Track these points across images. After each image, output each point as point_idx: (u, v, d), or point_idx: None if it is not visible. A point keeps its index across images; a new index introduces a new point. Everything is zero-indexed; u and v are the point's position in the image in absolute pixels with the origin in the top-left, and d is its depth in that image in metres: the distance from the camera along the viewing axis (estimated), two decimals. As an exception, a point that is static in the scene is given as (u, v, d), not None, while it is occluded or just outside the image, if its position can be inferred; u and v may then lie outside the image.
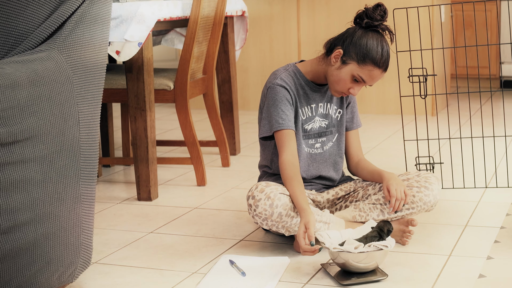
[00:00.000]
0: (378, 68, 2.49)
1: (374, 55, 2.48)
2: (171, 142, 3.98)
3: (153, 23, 3.07)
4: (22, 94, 1.84)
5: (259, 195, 2.40)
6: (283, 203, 2.39)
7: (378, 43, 2.49)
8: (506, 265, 2.35)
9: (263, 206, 2.38)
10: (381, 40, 2.51)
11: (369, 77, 2.50)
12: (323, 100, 2.64)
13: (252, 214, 2.41)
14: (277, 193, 2.40)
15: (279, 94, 2.55)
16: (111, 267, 2.45)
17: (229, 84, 4.04)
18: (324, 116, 2.65)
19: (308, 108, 2.61)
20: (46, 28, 2.01)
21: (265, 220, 2.40)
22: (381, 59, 2.48)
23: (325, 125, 2.65)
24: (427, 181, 2.58)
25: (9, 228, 1.84)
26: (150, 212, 3.07)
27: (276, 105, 2.54)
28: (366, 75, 2.50)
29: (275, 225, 2.41)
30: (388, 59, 2.51)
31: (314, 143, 2.64)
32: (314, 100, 2.62)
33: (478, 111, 5.16)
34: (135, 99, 3.16)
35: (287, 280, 2.29)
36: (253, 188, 2.43)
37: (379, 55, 2.48)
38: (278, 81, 2.56)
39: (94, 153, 2.10)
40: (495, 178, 3.41)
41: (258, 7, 5.44)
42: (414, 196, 2.55)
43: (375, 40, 2.50)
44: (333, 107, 2.66)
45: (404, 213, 2.57)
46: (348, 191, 2.72)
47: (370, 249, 2.23)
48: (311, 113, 2.62)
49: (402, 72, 4.88)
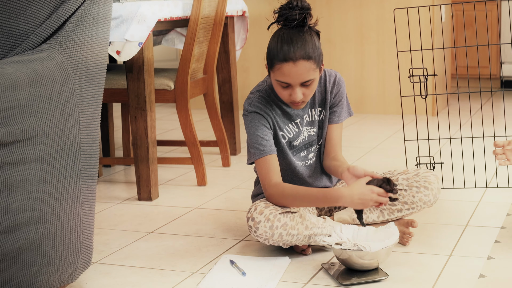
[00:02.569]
0: (284, 62, 2.32)
1: (275, 52, 2.33)
2: (172, 142, 3.98)
3: (153, 23, 3.07)
4: (22, 94, 1.84)
5: (258, 217, 2.35)
6: (283, 224, 2.35)
7: (277, 37, 2.34)
8: (506, 265, 2.35)
9: (263, 228, 2.35)
10: (282, 33, 2.34)
11: (283, 76, 2.34)
12: (306, 110, 2.54)
13: (253, 235, 2.39)
14: (277, 214, 2.36)
15: (253, 121, 2.45)
16: (111, 267, 2.45)
17: (229, 84, 4.04)
18: (311, 124, 2.56)
19: (293, 124, 2.53)
20: (47, 28, 2.01)
21: (266, 240, 2.38)
22: (282, 51, 2.31)
23: (314, 132, 2.57)
24: (427, 181, 2.57)
25: (9, 228, 1.84)
26: (150, 212, 3.07)
27: (253, 133, 2.45)
28: (280, 75, 2.35)
29: (276, 243, 2.39)
30: (293, 46, 2.31)
31: (307, 154, 2.58)
32: (296, 115, 2.52)
33: (479, 111, 5.15)
34: (136, 99, 3.16)
35: (288, 280, 2.29)
36: (252, 209, 2.38)
37: (278, 49, 2.32)
38: (250, 108, 2.47)
39: (94, 153, 2.10)
40: (495, 178, 3.41)
41: (258, 7, 5.44)
42: (414, 197, 2.55)
43: (275, 36, 2.35)
44: (317, 110, 2.57)
45: (404, 213, 2.57)
46: None
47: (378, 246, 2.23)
48: (298, 129, 2.54)
49: (402, 72, 4.88)
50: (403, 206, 2.56)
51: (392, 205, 2.56)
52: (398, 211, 2.56)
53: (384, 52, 5.22)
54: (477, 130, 4.34)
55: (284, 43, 2.32)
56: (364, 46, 5.28)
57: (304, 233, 2.39)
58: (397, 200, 2.39)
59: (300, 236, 2.39)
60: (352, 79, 5.30)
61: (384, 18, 5.18)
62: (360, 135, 4.53)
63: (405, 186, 2.56)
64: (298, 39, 2.32)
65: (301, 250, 2.49)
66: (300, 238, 2.39)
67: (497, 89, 6.00)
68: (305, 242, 2.42)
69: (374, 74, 5.27)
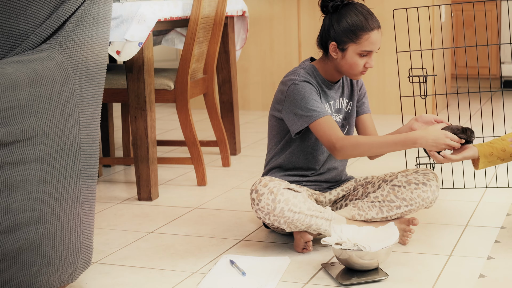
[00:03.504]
0: (372, 30, 2.51)
1: (360, 25, 2.51)
2: (172, 142, 3.98)
3: (153, 23, 3.07)
4: (22, 94, 1.84)
5: (262, 189, 2.40)
6: (285, 198, 2.39)
7: (354, 13, 2.52)
8: (506, 265, 2.35)
9: (265, 201, 2.39)
10: (354, 7, 2.53)
11: (372, 44, 2.52)
12: (337, 96, 2.66)
13: (255, 208, 2.42)
14: (280, 188, 2.40)
15: (306, 88, 2.53)
16: (111, 267, 2.45)
17: (229, 84, 4.04)
18: (338, 111, 2.66)
19: (327, 105, 2.63)
20: (47, 28, 2.01)
21: (267, 214, 2.40)
22: (367, 22, 2.51)
23: (340, 119, 2.67)
24: (425, 177, 2.58)
25: (9, 228, 1.84)
26: (150, 212, 3.07)
27: (308, 97, 2.51)
28: (368, 45, 2.52)
29: (277, 220, 2.41)
30: (372, 16, 2.52)
31: None
32: (331, 97, 2.64)
33: (478, 111, 5.15)
34: (136, 99, 3.16)
35: (288, 280, 2.29)
36: (256, 182, 2.44)
37: (363, 22, 2.51)
38: (300, 78, 2.56)
39: (94, 153, 2.10)
40: (495, 178, 3.41)
41: (258, 7, 5.44)
42: (412, 193, 2.56)
43: (350, 12, 2.53)
44: (344, 100, 2.68)
45: (403, 210, 2.57)
46: (348, 190, 2.73)
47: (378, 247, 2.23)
48: (331, 110, 2.64)
49: (402, 72, 4.88)
50: (402, 202, 2.56)
51: (391, 202, 2.56)
52: (397, 207, 2.57)
53: (383, 53, 5.22)
54: (477, 130, 4.34)
55: (365, 14, 2.52)
56: (364, 46, 5.27)
57: (306, 213, 2.42)
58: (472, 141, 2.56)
59: (301, 215, 2.41)
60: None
61: (384, 18, 5.18)
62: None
63: (404, 183, 2.57)
64: (368, 10, 2.54)
65: (302, 248, 2.50)
66: (302, 218, 2.41)
67: (497, 89, 6.00)
68: (305, 224, 2.44)
69: (374, 75, 5.28)
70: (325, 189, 2.72)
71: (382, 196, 2.58)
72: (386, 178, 2.66)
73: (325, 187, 2.71)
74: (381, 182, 2.66)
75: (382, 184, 2.64)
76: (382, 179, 2.67)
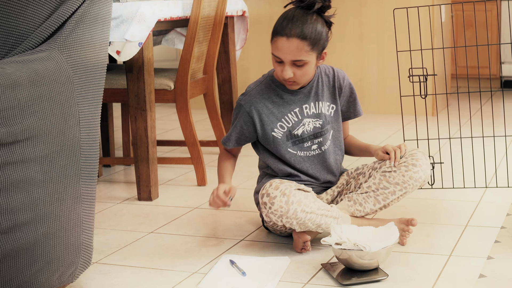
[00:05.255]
0: (280, 36, 2.42)
1: (275, 26, 2.45)
2: (172, 142, 3.98)
3: (153, 23, 3.07)
4: (22, 94, 1.84)
5: (274, 192, 2.39)
6: (298, 199, 2.39)
7: (282, 15, 2.46)
8: (506, 265, 2.35)
9: (279, 203, 2.38)
10: (288, 11, 2.46)
11: (277, 49, 2.44)
12: (308, 101, 2.59)
13: (267, 212, 2.40)
14: (292, 190, 2.40)
15: (237, 115, 2.61)
16: (111, 267, 2.45)
17: (229, 84, 4.04)
18: (316, 116, 2.61)
19: (292, 114, 2.58)
20: (47, 28, 2.01)
21: (280, 217, 2.39)
22: (281, 26, 2.43)
23: (320, 124, 2.62)
24: (414, 158, 2.56)
25: (9, 228, 1.84)
26: (150, 212, 3.07)
27: (232, 124, 2.63)
28: (274, 49, 2.45)
29: (290, 221, 2.41)
30: (292, 24, 2.41)
31: (310, 145, 2.61)
32: (295, 103, 2.58)
33: (478, 111, 5.15)
34: (136, 99, 3.16)
35: (288, 280, 2.29)
36: (266, 185, 2.43)
37: (279, 24, 2.44)
38: (242, 101, 2.59)
39: (94, 153, 2.10)
40: (495, 178, 3.41)
41: (258, 7, 5.44)
42: (404, 176, 2.54)
43: (282, 14, 2.47)
44: (325, 104, 2.62)
45: (398, 195, 2.55)
46: (342, 186, 2.72)
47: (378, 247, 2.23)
48: (297, 118, 2.59)
49: (402, 72, 4.88)
50: (395, 187, 2.55)
51: (385, 189, 2.55)
52: (391, 193, 2.56)
53: (384, 52, 5.22)
54: (477, 130, 4.34)
55: (285, 19, 2.43)
56: (364, 46, 5.28)
57: (317, 212, 2.42)
58: None
59: (313, 215, 2.42)
60: (352, 79, 5.30)
61: (384, 18, 5.18)
62: (360, 135, 4.53)
63: (393, 168, 2.56)
64: (299, 18, 2.42)
65: (301, 248, 2.50)
66: (313, 217, 2.42)
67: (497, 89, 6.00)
68: (316, 224, 2.44)
69: (374, 74, 5.27)
70: (321, 191, 2.71)
71: (375, 185, 2.57)
72: (375, 166, 2.64)
73: (321, 189, 2.71)
74: (371, 170, 2.65)
75: (373, 173, 2.63)
76: (371, 167, 2.66)
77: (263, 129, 2.58)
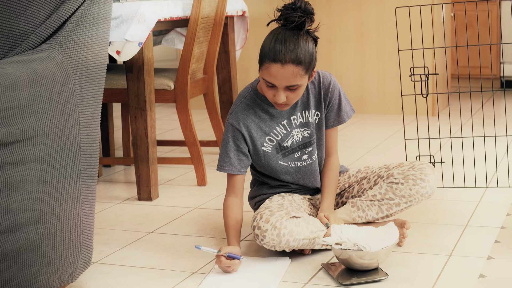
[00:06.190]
0: (274, 62, 2.29)
1: (266, 50, 2.31)
2: (172, 142, 3.98)
3: (153, 23, 3.07)
4: (22, 94, 1.84)
5: (265, 226, 2.37)
6: (289, 231, 2.37)
7: (272, 36, 2.33)
8: (506, 265, 2.35)
9: (270, 236, 2.36)
10: (278, 33, 2.32)
11: (270, 76, 2.32)
12: (295, 112, 2.53)
13: (260, 242, 2.40)
14: (283, 221, 2.37)
15: (228, 134, 2.50)
16: (111, 267, 2.45)
17: (229, 84, 4.04)
18: (305, 125, 2.55)
19: (280, 126, 2.52)
20: (47, 28, 2.01)
21: (273, 247, 2.39)
22: (274, 52, 2.29)
23: (308, 134, 2.56)
24: (423, 173, 2.55)
25: (9, 228, 1.84)
26: (150, 212, 3.07)
27: (223, 146, 2.51)
28: (267, 75, 2.33)
29: (283, 248, 2.41)
30: (287, 49, 2.29)
31: (300, 155, 2.57)
32: (283, 116, 2.52)
33: (479, 111, 5.15)
34: (136, 99, 3.16)
35: (288, 280, 2.29)
36: (257, 218, 2.40)
37: (271, 49, 2.30)
38: (230, 120, 2.50)
39: (94, 153, 2.10)
40: (496, 178, 3.41)
41: (258, 7, 5.44)
42: (411, 190, 2.54)
43: (270, 36, 2.34)
44: (311, 112, 2.56)
45: (402, 207, 2.55)
46: (342, 187, 2.71)
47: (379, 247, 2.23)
48: (286, 130, 2.53)
49: (403, 71, 4.87)
50: (401, 199, 2.55)
51: (390, 200, 2.55)
52: (396, 205, 2.56)
53: (384, 52, 5.22)
54: (478, 130, 4.34)
55: (277, 43, 2.30)
56: (364, 46, 5.28)
57: (309, 237, 2.41)
58: None
59: (306, 240, 2.41)
60: (352, 79, 5.30)
61: (384, 18, 5.18)
62: (360, 135, 4.53)
63: (401, 180, 2.55)
64: (292, 42, 2.30)
65: (301, 250, 2.49)
66: (306, 242, 2.42)
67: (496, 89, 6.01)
68: (310, 246, 2.44)
69: (374, 74, 5.27)
70: (316, 193, 2.70)
71: (381, 194, 2.57)
72: (382, 173, 2.62)
73: (315, 192, 2.70)
74: (377, 178, 2.63)
75: (379, 181, 2.62)
76: (377, 175, 2.64)
77: (254, 145, 2.52)
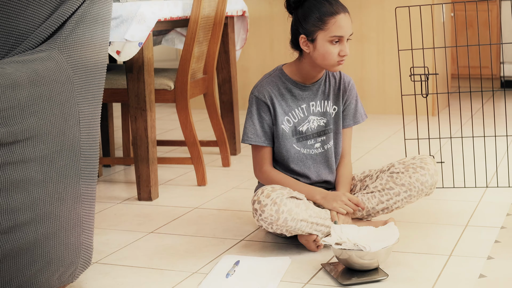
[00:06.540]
0: (338, 14, 2.47)
1: (325, 10, 2.47)
2: (172, 142, 3.98)
3: (153, 23, 3.07)
4: (22, 94, 1.84)
5: (265, 200, 2.39)
6: (288, 209, 2.39)
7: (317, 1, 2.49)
8: (506, 265, 2.35)
9: (269, 212, 2.38)
10: None
11: (340, 28, 2.47)
12: (315, 99, 2.62)
13: (257, 218, 2.41)
14: (283, 199, 2.40)
15: (253, 106, 2.58)
16: (111, 267, 2.45)
17: (229, 84, 4.04)
18: (322, 115, 2.63)
19: (299, 109, 2.60)
20: (47, 28, 2.01)
21: (270, 224, 2.40)
22: (332, 7, 2.47)
23: (324, 123, 2.63)
24: (423, 161, 2.58)
25: (9, 228, 1.84)
26: (150, 212, 3.07)
27: (249, 118, 2.59)
28: (336, 30, 2.47)
29: (280, 229, 2.41)
30: (337, 1, 2.49)
31: (313, 143, 2.62)
32: (304, 100, 2.60)
33: (479, 111, 5.15)
34: (136, 99, 3.16)
35: (288, 280, 2.29)
36: (258, 192, 2.43)
37: (327, 7, 2.47)
38: (255, 92, 2.58)
39: (94, 153, 2.10)
40: (496, 178, 3.41)
41: (258, 7, 5.44)
42: (411, 177, 2.55)
43: (313, 1, 2.49)
44: (330, 104, 2.64)
45: (402, 196, 2.56)
46: None
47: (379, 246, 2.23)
48: (303, 114, 2.60)
49: (403, 71, 4.87)
50: (401, 188, 2.55)
51: (390, 189, 2.56)
52: (396, 194, 2.56)
53: (384, 52, 5.22)
54: (478, 130, 4.34)
55: (329, 1, 2.48)
56: (364, 46, 5.28)
57: (308, 220, 2.43)
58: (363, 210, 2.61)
59: (303, 223, 2.42)
60: (353, 79, 5.30)
61: (384, 17, 5.18)
62: (360, 135, 4.53)
63: (401, 169, 2.57)
64: None
65: (317, 246, 2.49)
66: (304, 225, 2.43)
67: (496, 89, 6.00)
68: (307, 231, 2.45)
69: (374, 74, 5.27)
70: None
71: (381, 185, 2.58)
72: (384, 168, 2.65)
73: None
74: (379, 173, 2.66)
75: (380, 175, 2.64)
76: (380, 170, 2.67)
77: (276, 119, 2.58)
